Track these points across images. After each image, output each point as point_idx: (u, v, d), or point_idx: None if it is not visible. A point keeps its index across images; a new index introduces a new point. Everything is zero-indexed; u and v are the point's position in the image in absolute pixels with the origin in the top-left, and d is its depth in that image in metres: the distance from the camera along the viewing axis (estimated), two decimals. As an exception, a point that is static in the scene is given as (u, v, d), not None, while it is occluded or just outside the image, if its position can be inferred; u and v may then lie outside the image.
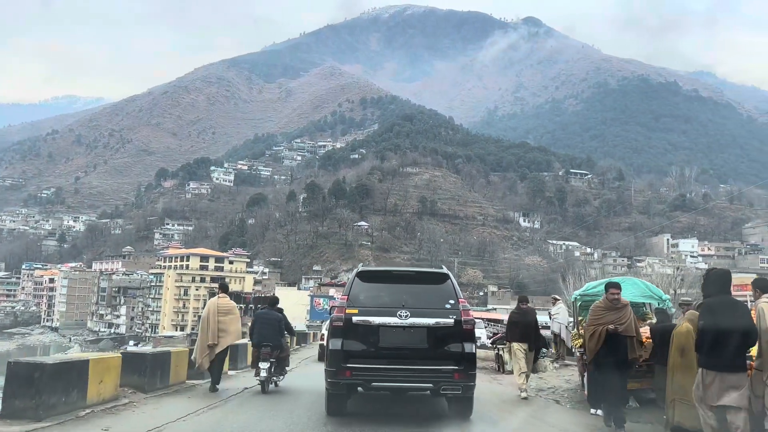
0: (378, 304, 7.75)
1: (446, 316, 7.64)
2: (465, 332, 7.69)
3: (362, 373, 7.49)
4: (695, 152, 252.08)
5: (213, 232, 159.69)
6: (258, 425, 7.95)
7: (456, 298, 7.83)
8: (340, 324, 7.66)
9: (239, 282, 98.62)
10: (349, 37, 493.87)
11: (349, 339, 7.59)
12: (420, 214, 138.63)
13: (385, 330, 7.54)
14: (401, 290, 7.89)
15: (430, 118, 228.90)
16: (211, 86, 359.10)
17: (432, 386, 7.63)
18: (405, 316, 7.52)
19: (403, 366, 7.51)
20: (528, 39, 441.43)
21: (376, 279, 8.35)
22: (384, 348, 7.54)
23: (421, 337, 7.57)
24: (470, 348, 7.69)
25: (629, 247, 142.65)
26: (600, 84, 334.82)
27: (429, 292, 8.01)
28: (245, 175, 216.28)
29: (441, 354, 7.58)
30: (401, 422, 8.05)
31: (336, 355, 7.58)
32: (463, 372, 7.55)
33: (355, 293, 7.86)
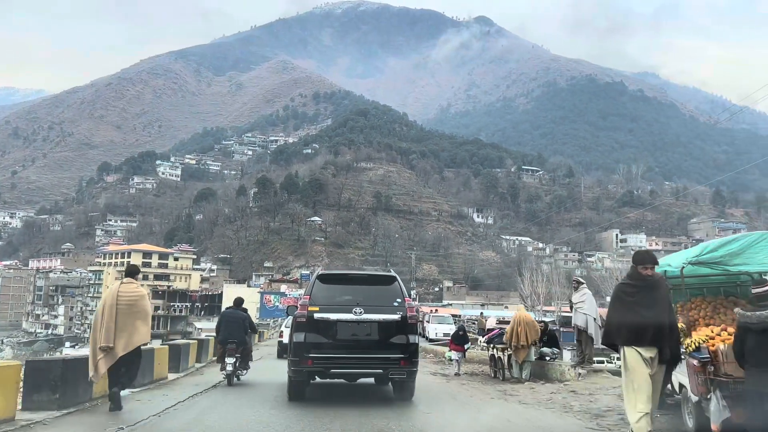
0: (336, 303, 8.74)
1: (394, 313, 8.70)
2: (410, 326, 8.78)
3: (322, 361, 8.52)
4: (641, 150, 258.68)
5: (158, 228, 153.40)
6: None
7: (402, 297, 8.90)
8: (303, 320, 8.62)
9: (185, 279, 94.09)
10: (301, 31, 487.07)
11: (310, 333, 8.54)
12: (374, 210, 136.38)
13: (341, 325, 8.56)
14: (356, 290, 8.96)
15: (384, 113, 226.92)
16: (158, 78, 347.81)
17: (382, 372, 8.85)
18: (359, 312, 8.54)
19: (358, 355, 8.59)
20: (480, 38, 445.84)
21: (334, 281, 9.41)
22: (341, 340, 8.55)
23: (373, 330, 8.62)
24: (414, 339, 8.80)
25: (580, 242, 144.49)
26: (549, 83, 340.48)
27: (379, 292, 9.03)
28: (193, 170, 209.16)
29: (389, 345, 8.62)
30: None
31: (299, 346, 8.54)
32: (407, 359, 8.66)
33: (315, 293, 8.85)
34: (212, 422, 7.67)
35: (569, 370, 11.17)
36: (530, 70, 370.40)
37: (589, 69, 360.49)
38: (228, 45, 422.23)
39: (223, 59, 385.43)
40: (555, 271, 77.50)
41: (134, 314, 8.04)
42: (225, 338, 11.41)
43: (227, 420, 7.83)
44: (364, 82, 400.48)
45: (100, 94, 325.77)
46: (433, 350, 20.71)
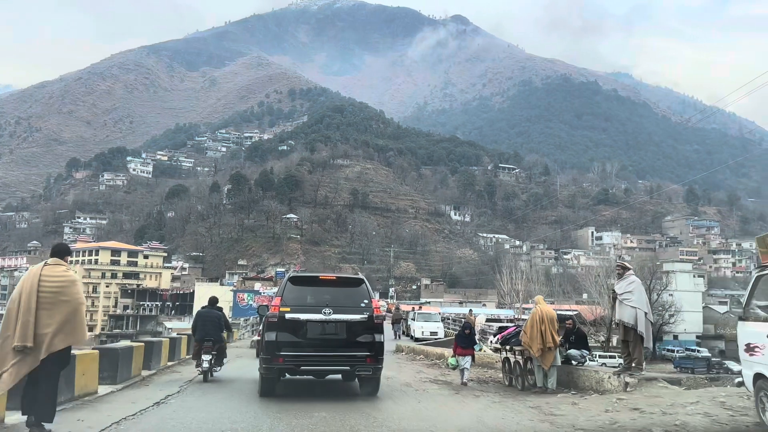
0: (306, 304, 9.18)
1: (361, 313, 9.17)
2: (375, 325, 9.24)
3: (292, 359, 8.88)
4: (615, 149, 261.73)
5: (129, 225, 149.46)
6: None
7: (369, 298, 9.41)
8: (274, 320, 9.02)
9: (155, 278, 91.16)
10: (276, 27, 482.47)
11: (282, 332, 8.93)
12: (351, 207, 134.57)
13: (311, 324, 8.97)
14: (325, 292, 9.38)
15: (360, 110, 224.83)
16: (129, 73, 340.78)
17: (349, 369, 9.31)
18: (328, 313, 8.96)
19: (326, 353, 9.03)
20: (456, 36, 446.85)
21: (305, 283, 9.86)
22: (310, 339, 8.95)
23: (341, 329, 9.03)
24: (380, 338, 9.26)
25: (556, 240, 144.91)
26: (525, 82, 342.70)
27: (347, 293, 9.50)
28: (165, 166, 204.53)
29: (356, 343, 9.05)
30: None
31: (271, 345, 8.96)
32: (373, 357, 9.11)
33: (287, 294, 9.26)
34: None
35: (610, 379, 8.82)
36: (506, 69, 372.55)
37: (564, 68, 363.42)
38: (202, 40, 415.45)
39: (196, 55, 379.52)
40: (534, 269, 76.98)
41: (62, 304, 6.07)
42: (201, 336, 11.91)
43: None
44: (341, 79, 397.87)
45: (70, 89, 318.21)
46: (423, 351, 18.82)
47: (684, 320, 49.46)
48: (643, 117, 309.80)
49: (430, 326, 28.21)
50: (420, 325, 28.52)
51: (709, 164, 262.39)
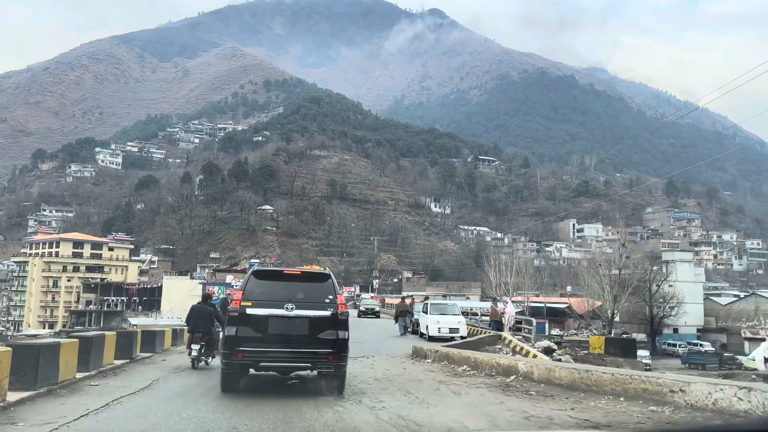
0: (269, 298, 8.96)
1: (325, 309, 8.97)
2: (340, 322, 9.00)
3: (252, 355, 8.73)
4: (592, 143, 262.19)
5: (97, 218, 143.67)
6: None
7: (335, 294, 9.17)
8: (235, 314, 8.86)
9: (121, 271, 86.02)
10: (251, 18, 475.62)
11: (242, 326, 8.77)
12: (329, 198, 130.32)
13: (273, 320, 8.79)
14: (289, 287, 9.23)
15: (338, 101, 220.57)
16: (99, 63, 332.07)
17: (310, 366, 9.07)
18: (291, 308, 8.80)
19: (287, 349, 8.77)
20: (433, 30, 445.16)
21: (269, 277, 9.68)
22: (272, 334, 8.74)
23: (303, 325, 8.83)
24: (343, 335, 8.99)
25: (537, 232, 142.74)
26: (502, 76, 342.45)
27: (312, 289, 9.28)
28: (135, 158, 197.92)
29: (319, 340, 8.85)
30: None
31: (230, 340, 8.80)
32: (336, 354, 8.87)
33: (250, 289, 9.09)
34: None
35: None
36: (483, 63, 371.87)
37: (541, 63, 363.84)
38: (174, 30, 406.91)
39: (168, 45, 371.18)
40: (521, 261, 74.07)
41: None
42: (193, 328, 13.26)
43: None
44: (317, 71, 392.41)
45: (37, 79, 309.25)
46: (469, 359, 12.74)
47: (687, 312, 46.61)
48: (619, 111, 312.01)
49: (448, 321, 22.04)
50: (435, 320, 22.09)
51: (685, 158, 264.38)
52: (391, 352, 16.10)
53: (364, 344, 16.89)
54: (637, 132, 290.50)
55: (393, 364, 13.66)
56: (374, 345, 18.11)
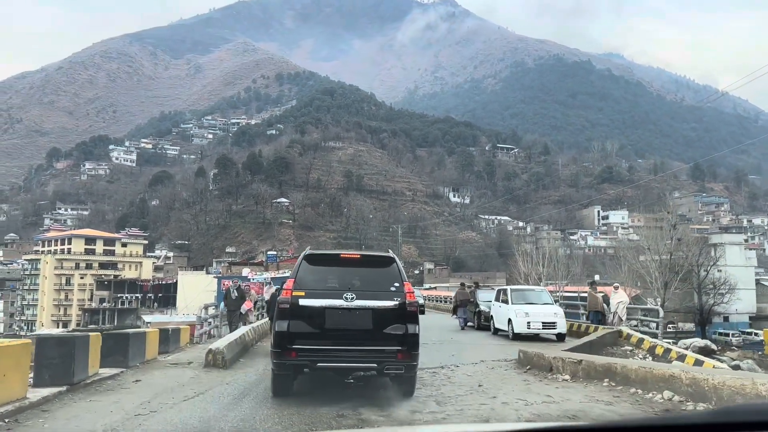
0: (324, 287, 7.84)
1: (391, 299, 7.75)
2: (409, 314, 7.78)
3: (308, 353, 7.55)
4: (612, 129, 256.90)
5: (112, 216, 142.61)
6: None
7: (401, 281, 7.94)
8: (286, 306, 7.70)
9: (135, 268, 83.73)
10: (262, 13, 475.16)
11: (295, 320, 7.63)
12: (345, 190, 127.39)
13: (330, 312, 7.61)
14: (348, 273, 8.02)
15: (351, 93, 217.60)
16: (112, 62, 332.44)
17: (376, 366, 7.69)
18: (351, 298, 7.61)
19: (348, 347, 7.59)
20: (446, 19, 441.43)
21: (323, 262, 8.35)
22: (329, 329, 7.60)
23: (366, 318, 7.65)
24: (414, 329, 7.76)
25: (560, 220, 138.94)
26: (517, 63, 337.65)
27: (375, 275, 8.10)
28: (149, 155, 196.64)
29: (385, 335, 7.64)
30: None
31: (282, 336, 7.65)
32: (406, 352, 7.63)
33: (302, 276, 7.90)
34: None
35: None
36: (497, 51, 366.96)
37: (556, 49, 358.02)
38: (186, 27, 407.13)
39: (180, 42, 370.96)
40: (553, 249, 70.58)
41: None
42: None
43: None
44: (329, 65, 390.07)
45: (51, 79, 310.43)
46: (640, 372, 8.40)
47: (740, 299, 42.91)
48: (639, 96, 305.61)
49: (540, 313, 16.66)
50: (522, 312, 16.70)
51: (708, 142, 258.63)
52: (475, 358, 12.05)
53: (427, 346, 12.77)
54: (658, 117, 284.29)
55: (512, 386, 9.07)
56: (443, 347, 14.40)
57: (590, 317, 19.16)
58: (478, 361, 11.72)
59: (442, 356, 12.24)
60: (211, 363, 10.75)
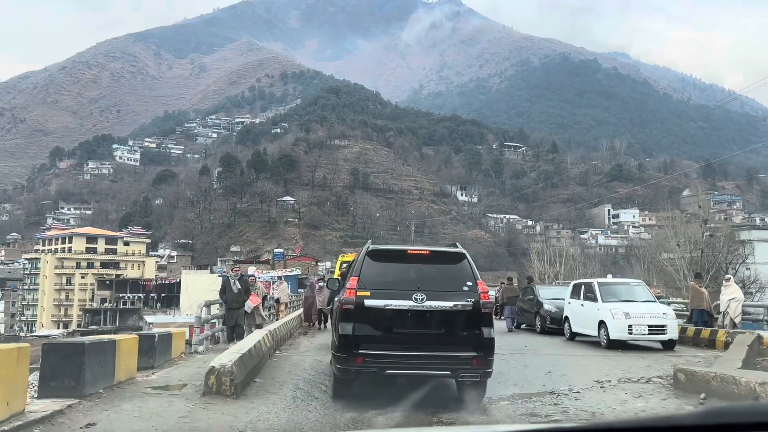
0: (391, 287, 7.25)
1: (464, 299, 7.13)
2: (484, 316, 7.23)
3: (375, 359, 6.99)
4: (619, 127, 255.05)
5: (115, 215, 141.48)
6: None
7: (474, 280, 7.34)
8: (350, 307, 7.12)
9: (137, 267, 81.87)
10: (266, 13, 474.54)
11: (360, 324, 7.07)
12: (352, 188, 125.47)
13: (399, 314, 7.04)
14: (415, 271, 7.43)
15: (356, 92, 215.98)
16: (116, 61, 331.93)
17: (450, 373, 7.22)
18: (421, 299, 6.97)
19: (420, 352, 7.05)
20: (450, 18, 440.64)
21: (387, 258, 7.73)
22: (398, 333, 7.07)
23: (439, 321, 7.09)
24: (489, 333, 7.22)
25: (570, 219, 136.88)
26: (523, 62, 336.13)
27: (445, 272, 7.50)
28: (153, 154, 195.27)
29: (459, 339, 7.15)
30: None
31: (347, 340, 7.09)
32: (482, 358, 7.07)
33: (365, 274, 7.31)
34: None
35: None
36: (502, 50, 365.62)
37: (562, 48, 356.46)
38: (190, 27, 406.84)
39: (184, 41, 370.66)
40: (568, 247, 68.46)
41: None
42: None
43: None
44: (333, 64, 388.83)
45: (54, 79, 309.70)
46: None
47: (771, 298, 40.61)
48: (645, 95, 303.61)
49: (644, 312, 13.25)
50: (620, 312, 13.17)
51: (716, 140, 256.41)
52: (587, 379, 8.96)
53: (503, 356, 10.35)
54: (665, 116, 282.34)
55: None
56: (525, 360, 11.37)
57: (693, 317, 15.74)
58: (598, 384, 8.52)
59: (534, 373, 9.61)
60: (213, 389, 7.29)
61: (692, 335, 14.54)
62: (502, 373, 8.69)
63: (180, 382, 8.37)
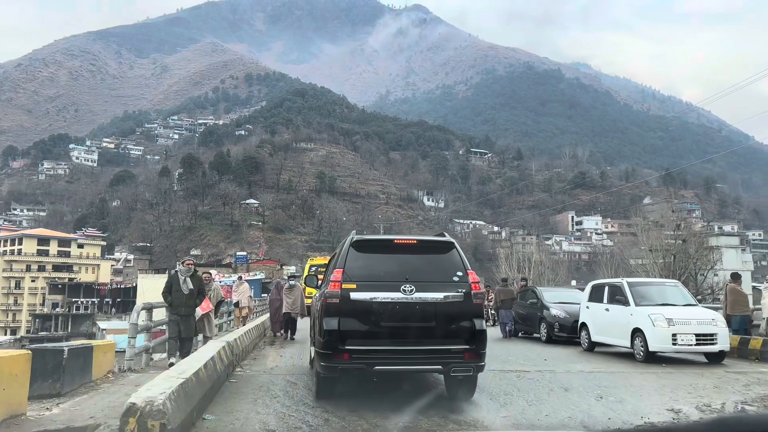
0: (378, 278, 6.83)
1: (455, 290, 6.79)
2: (475, 307, 6.89)
3: (363, 355, 6.56)
4: (581, 136, 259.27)
5: (70, 217, 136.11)
6: None
7: (464, 270, 7.01)
8: (335, 301, 6.66)
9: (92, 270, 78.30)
10: (231, 15, 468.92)
11: (346, 318, 6.64)
12: (318, 192, 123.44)
13: (387, 307, 6.61)
14: (403, 261, 7.04)
15: (323, 95, 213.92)
16: (74, 60, 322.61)
17: (441, 368, 6.83)
18: (410, 290, 6.60)
19: (409, 347, 6.70)
20: (417, 25, 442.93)
21: (373, 249, 7.27)
22: (386, 327, 6.63)
23: (428, 314, 6.67)
24: (480, 325, 6.91)
25: (535, 225, 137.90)
26: (488, 71, 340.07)
27: (434, 263, 7.16)
28: (111, 154, 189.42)
29: (450, 332, 6.79)
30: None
31: (332, 335, 6.62)
32: (474, 351, 6.74)
33: (350, 266, 6.87)
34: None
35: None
36: (468, 58, 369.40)
37: (526, 57, 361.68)
38: (152, 26, 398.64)
39: (146, 41, 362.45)
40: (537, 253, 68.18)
41: None
42: None
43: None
44: (299, 67, 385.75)
45: (9, 76, 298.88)
46: None
47: (743, 304, 40.54)
48: (607, 105, 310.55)
49: (689, 318, 11.14)
50: (661, 318, 11.03)
51: (675, 150, 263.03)
52: (656, 408, 6.93)
53: (527, 374, 9.03)
54: (626, 125, 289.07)
55: None
56: (558, 380, 8.88)
57: (734, 324, 13.26)
58: (673, 413, 6.69)
59: (584, 400, 7.44)
60: None
61: (737, 345, 12.25)
62: (542, 400, 7.20)
63: (92, 421, 5.64)
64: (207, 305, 12.13)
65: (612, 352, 12.64)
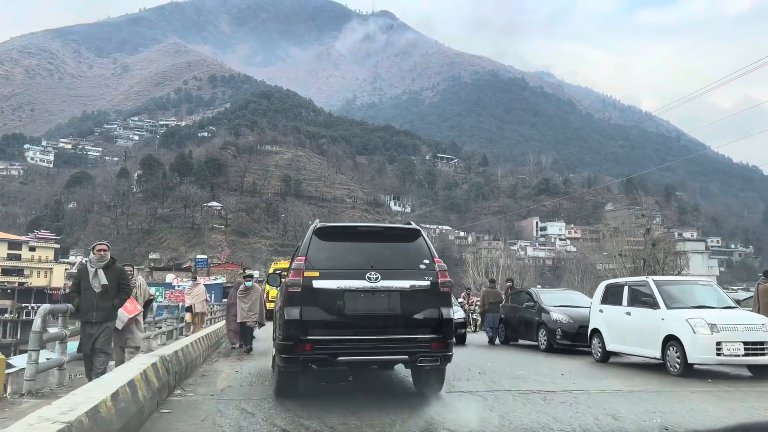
0: (342, 266, 6.62)
1: (421, 278, 6.64)
2: (442, 295, 6.73)
3: (326, 345, 6.35)
4: (544, 143, 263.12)
5: (23, 219, 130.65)
6: None
7: (431, 258, 6.86)
8: (297, 290, 6.43)
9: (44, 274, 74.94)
10: (196, 15, 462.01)
11: (308, 307, 6.40)
12: (283, 195, 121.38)
13: (351, 295, 6.45)
14: (368, 249, 6.82)
15: (288, 98, 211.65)
16: (31, 58, 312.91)
17: (407, 358, 6.64)
18: (375, 278, 6.46)
19: (374, 336, 6.51)
20: (384, 31, 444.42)
21: (337, 237, 7.07)
22: (351, 316, 6.44)
23: (394, 302, 6.53)
24: (448, 313, 6.71)
25: (500, 230, 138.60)
26: (454, 78, 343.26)
27: (400, 251, 6.95)
28: (68, 155, 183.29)
29: (416, 321, 6.58)
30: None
31: (293, 326, 6.37)
32: (441, 341, 6.59)
33: (313, 254, 6.61)
34: None
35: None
36: (435, 65, 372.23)
37: (491, 65, 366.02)
38: (113, 26, 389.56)
39: (106, 40, 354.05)
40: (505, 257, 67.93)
41: None
42: None
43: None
44: (265, 70, 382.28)
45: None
46: None
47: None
48: (569, 113, 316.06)
49: (736, 323, 9.19)
50: (703, 323, 9.07)
51: (635, 158, 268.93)
52: None
53: (554, 396, 7.31)
54: (587, 134, 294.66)
55: None
56: (596, 407, 6.63)
57: None
58: None
59: None
60: None
61: None
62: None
63: None
64: (134, 307, 9.38)
65: (630, 362, 10.96)
